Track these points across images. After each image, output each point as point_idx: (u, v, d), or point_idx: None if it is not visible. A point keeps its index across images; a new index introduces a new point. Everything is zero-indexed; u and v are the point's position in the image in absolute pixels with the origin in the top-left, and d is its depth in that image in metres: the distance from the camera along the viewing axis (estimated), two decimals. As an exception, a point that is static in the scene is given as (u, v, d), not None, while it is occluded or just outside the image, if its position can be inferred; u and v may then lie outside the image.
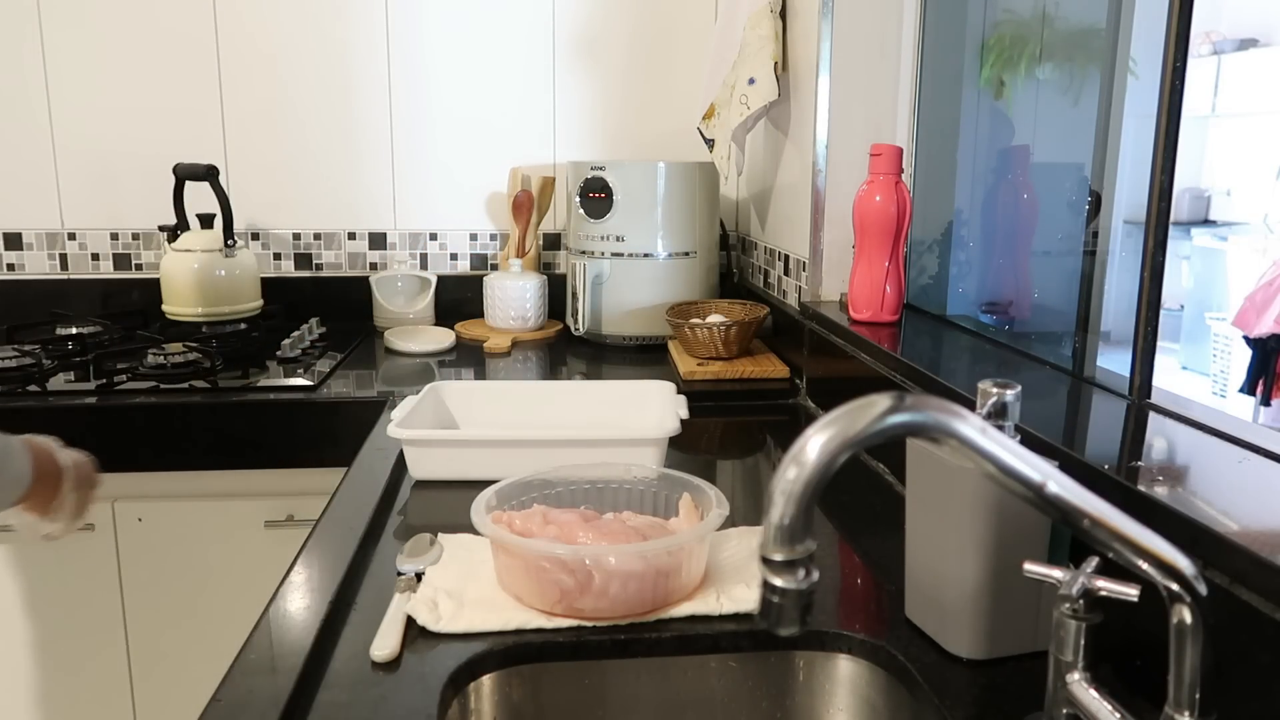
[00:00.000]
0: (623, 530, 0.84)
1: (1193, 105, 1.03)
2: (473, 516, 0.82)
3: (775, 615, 0.50)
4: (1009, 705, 0.68)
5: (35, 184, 2.01)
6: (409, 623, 0.79)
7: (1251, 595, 0.57)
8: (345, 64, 2.02)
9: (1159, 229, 0.89)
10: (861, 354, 1.28)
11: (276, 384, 1.54)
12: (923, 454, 0.75)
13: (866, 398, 0.49)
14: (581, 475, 0.95)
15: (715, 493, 0.86)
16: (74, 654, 1.51)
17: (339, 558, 0.90)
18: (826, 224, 1.52)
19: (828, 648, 0.79)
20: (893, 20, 1.48)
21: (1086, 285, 1.15)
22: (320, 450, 1.47)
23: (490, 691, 0.76)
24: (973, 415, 0.50)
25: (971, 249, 1.48)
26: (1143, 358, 0.92)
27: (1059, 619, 0.59)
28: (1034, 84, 1.35)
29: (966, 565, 0.71)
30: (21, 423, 1.42)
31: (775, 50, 1.64)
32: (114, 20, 1.97)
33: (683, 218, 1.84)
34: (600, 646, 0.78)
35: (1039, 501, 0.51)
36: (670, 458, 1.14)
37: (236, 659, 0.73)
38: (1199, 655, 0.52)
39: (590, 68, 2.09)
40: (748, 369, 1.58)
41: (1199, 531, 0.61)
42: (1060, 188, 1.31)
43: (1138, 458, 0.79)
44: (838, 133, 1.50)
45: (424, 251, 2.11)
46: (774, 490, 0.48)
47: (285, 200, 2.04)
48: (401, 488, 1.12)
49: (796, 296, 1.62)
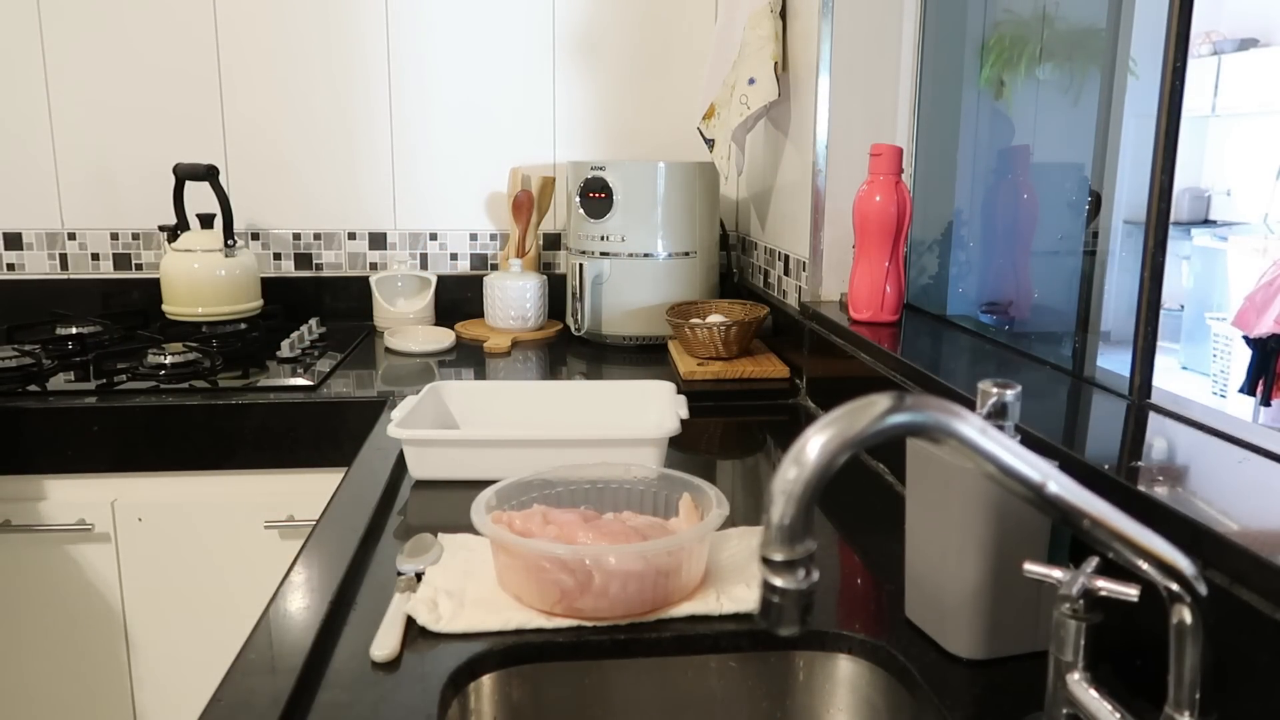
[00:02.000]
0: (623, 530, 0.84)
1: (1193, 105, 1.03)
2: (473, 516, 0.82)
3: (775, 615, 0.50)
4: (1009, 705, 0.68)
5: (35, 184, 2.01)
6: (409, 623, 0.79)
7: (1251, 595, 0.57)
8: (346, 64, 2.02)
9: (1159, 229, 0.89)
10: (861, 354, 1.28)
11: (276, 384, 1.54)
12: (923, 454, 0.75)
13: (866, 398, 0.49)
14: (581, 475, 0.95)
15: (715, 493, 0.86)
16: (74, 654, 1.51)
17: (339, 558, 0.90)
18: (826, 224, 1.52)
19: (828, 648, 0.79)
20: (893, 20, 1.48)
21: (1086, 285, 1.15)
22: (320, 450, 1.47)
23: (490, 691, 0.76)
24: (973, 415, 0.50)
25: (971, 249, 1.48)
26: (1143, 358, 0.92)
27: (1059, 619, 0.59)
28: (1034, 84, 1.35)
29: (966, 565, 0.71)
30: (22, 423, 1.42)
31: (775, 50, 1.64)
32: (114, 20, 1.97)
33: (683, 218, 1.84)
34: (600, 646, 0.78)
35: (1039, 501, 0.51)
36: (670, 458, 1.14)
37: (236, 659, 0.73)
38: (1199, 655, 0.52)
39: (590, 68, 2.09)
40: (748, 369, 1.58)
41: (1199, 531, 0.61)
42: (1060, 188, 1.31)
43: (1138, 458, 0.79)
44: (838, 133, 1.50)
45: (424, 251, 2.11)
46: (774, 490, 0.48)
47: (285, 200, 2.04)
48: (401, 488, 1.12)
49: (796, 296, 1.62)
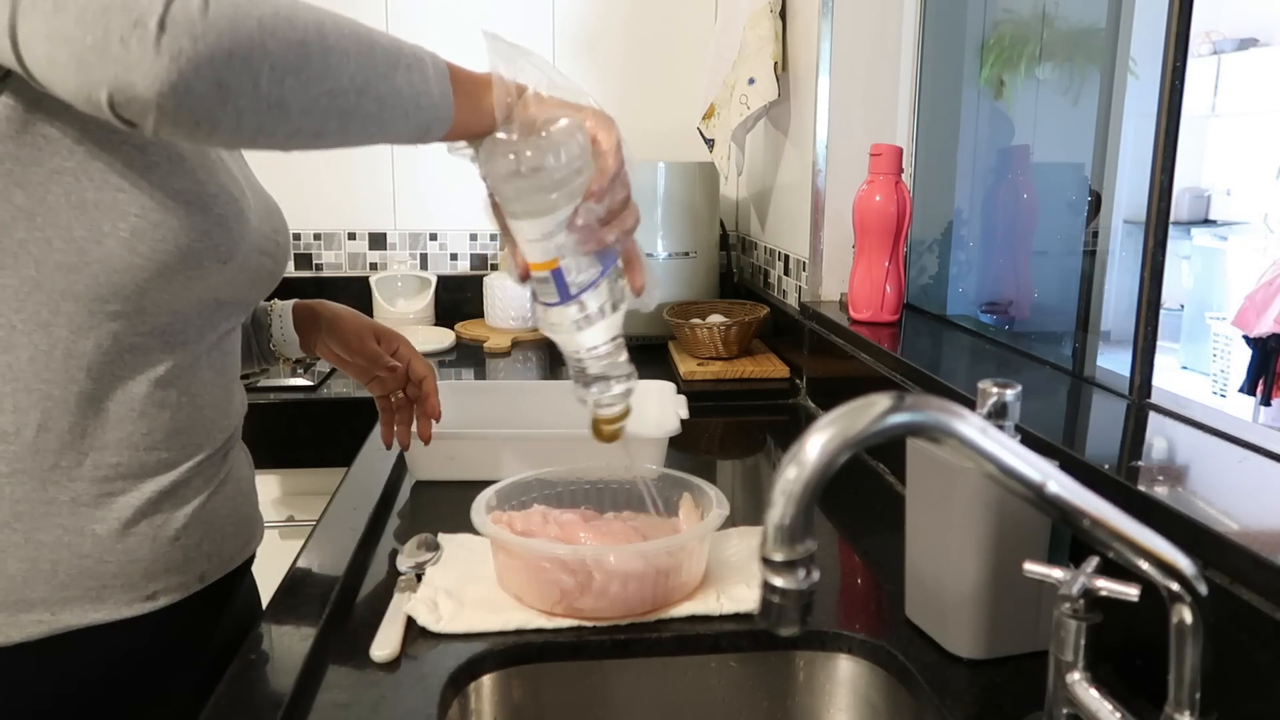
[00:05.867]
0: (623, 530, 0.84)
1: (1193, 105, 1.03)
2: (473, 516, 0.82)
3: (775, 615, 0.50)
4: (1009, 705, 0.68)
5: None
6: (409, 623, 0.79)
7: (1251, 595, 0.57)
8: (345, 64, 2.02)
9: (1159, 229, 0.89)
10: (861, 354, 1.28)
11: (276, 384, 1.54)
12: (923, 454, 0.75)
13: (866, 398, 0.49)
14: (581, 475, 0.94)
15: (715, 493, 0.86)
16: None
17: (339, 558, 0.90)
18: (826, 224, 1.52)
19: (828, 648, 0.79)
20: (893, 20, 1.48)
21: (1086, 285, 1.15)
22: (320, 450, 1.47)
23: (490, 691, 0.76)
24: (973, 415, 0.50)
25: (971, 249, 1.48)
26: (1143, 357, 0.92)
27: (1059, 619, 0.59)
28: (1034, 84, 1.35)
29: (966, 565, 0.71)
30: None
31: (775, 50, 1.64)
32: (114, 20, 1.97)
33: (683, 218, 1.84)
34: (600, 646, 0.78)
35: (1039, 501, 0.51)
36: (670, 458, 1.13)
37: (236, 658, 0.73)
38: (1199, 655, 0.52)
39: (590, 67, 2.09)
40: (748, 369, 1.58)
41: (1199, 531, 0.61)
42: (1060, 188, 1.31)
43: (1138, 458, 0.79)
44: (838, 133, 1.50)
45: (424, 251, 2.11)
46: (774, 490, 0.48)
47: (285, 200, 2.03)
48: (401, 488, 1.12)
49: (796, 296, 1.62)
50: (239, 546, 0.83)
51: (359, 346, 0.98)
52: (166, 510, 0.73)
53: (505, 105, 0.67)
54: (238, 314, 0.81)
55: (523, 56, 0.69)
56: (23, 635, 0.68)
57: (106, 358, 0.68)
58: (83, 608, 0.69)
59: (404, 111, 0.62)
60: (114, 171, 0.64)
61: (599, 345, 0.74)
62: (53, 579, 0.68)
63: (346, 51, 0.58)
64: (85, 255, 0.64)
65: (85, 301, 0.66)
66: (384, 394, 1.02)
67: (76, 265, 0.65)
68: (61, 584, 0.68)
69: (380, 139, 0.64)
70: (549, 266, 0.70)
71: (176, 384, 0.73)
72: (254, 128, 0.56)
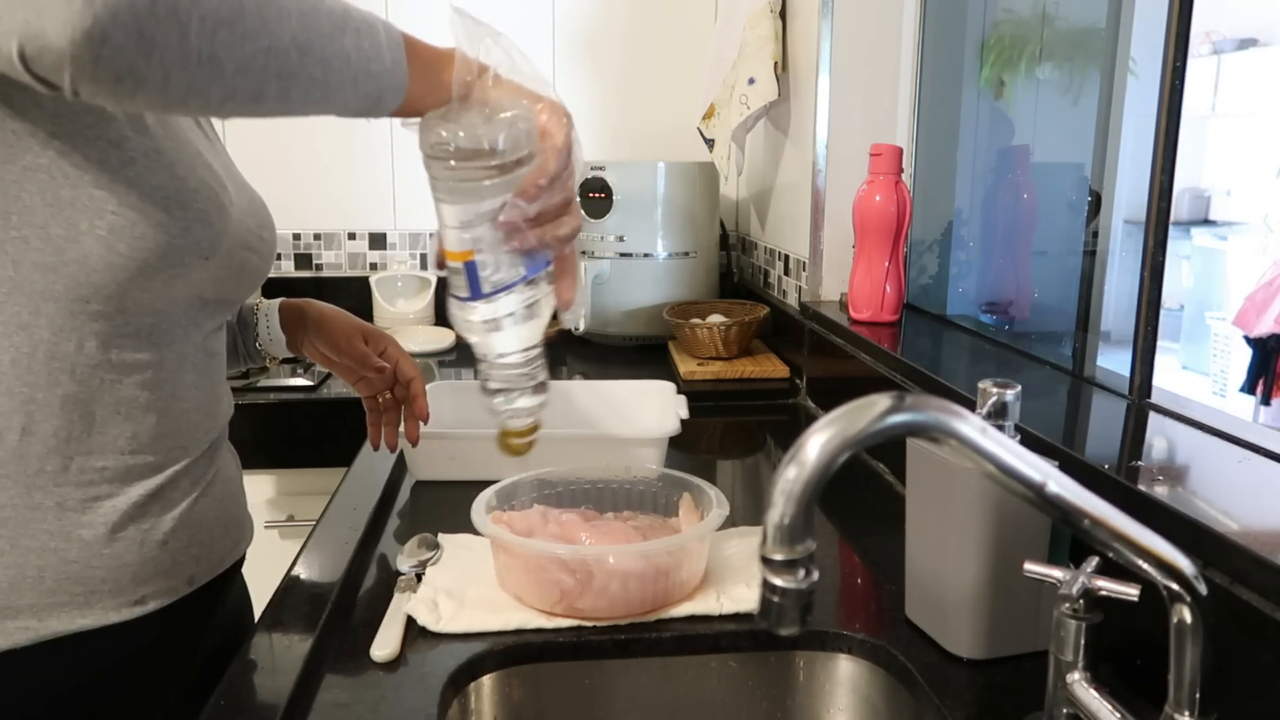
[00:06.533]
0: (623, 530, 0.84)
1: (1193, 105, 1.03)
2: (473, 516, 0.82)
3: (775, 615, 0.50)
4: (1009, 705, 0.68)
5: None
6: (409, 623, 0.79)
7: (1251, 595, 0.57)
8: (345, 64, 2.02)
9: (1159, 229, 0.89)
10: (861, 354, 1.28)
11: (276, 384, 1.54)
12: (923, 454, 0.75)
13: (866, 398, 0.49)
14: (581, 475, 0.95)
15: (715, 493, 0.86)
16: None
17: (339, 558, 0.90)
18: (826, 224, 1.52)
19: (828, 648, 0.79)
20: (893, 20, 1.48)
21: (1086, 285, 1.15)
22: (320, 450, 1.47)
23: (490, 691, 0.76)
24: (973, 415, 0.50)
25: (971, 249, 1.48)
26: (1143, 357, 0.92)
27: (1059, 619, 0.59)
28: (1034, 84, 1.35)
29: (966, 565, 0.71)
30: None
31: (775, 50, 1.64)
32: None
33: (683, 218, 1.84)
34: (600, 646, 0.78)
35: (1039, 501, 0.51)
36: (670, 458, 1.14)
37: (236, 659, 0.73)
38: (1199, 655, 0.52)
39: (590, 67, 2.09)
40: (748, 369, 1.58)
41: (1199, 531, 0.61)
42: (1060, 188, 1.31)
43: (1138, 458, 0.79)
44: (838, 133, 1.50)
45: (424, 251, 2.11)
46: (774, 490, 0.48)
47: (285, 200, 2.04)
48: (401, 488, 1.12)
49: (796, 296, 1.62)
50: (228, 548, 0.82)
51: (346, 347, 0.98)
52: (154, 514, 0.72)
53: (464, 83, 0.64)
54: (222, 312, 0.80)
55: (489, 36, 0.66)
56: (9, 643, 0.66)
57: (90, 360, 0.67)
58: (70, 613, 0.68)
59: (351, 76, 0.59)
60: (89, 168, 0.62)
61: (509, 353, 0.70)
62: (39, 585, 0.67)
63: (287, 8, 0.54)
64: (63, 254, 0.63)
65: (66, 302, 0.64)
66: (371, 395, 1.02)
67: (55, 265, 0.63)
68: (48, 590, 0.67)
69: (327, 107, 0.60)
70: (463, 258, 0.66)
71: (162, 386, 0.72)
72: (183, 86, 0.52)
